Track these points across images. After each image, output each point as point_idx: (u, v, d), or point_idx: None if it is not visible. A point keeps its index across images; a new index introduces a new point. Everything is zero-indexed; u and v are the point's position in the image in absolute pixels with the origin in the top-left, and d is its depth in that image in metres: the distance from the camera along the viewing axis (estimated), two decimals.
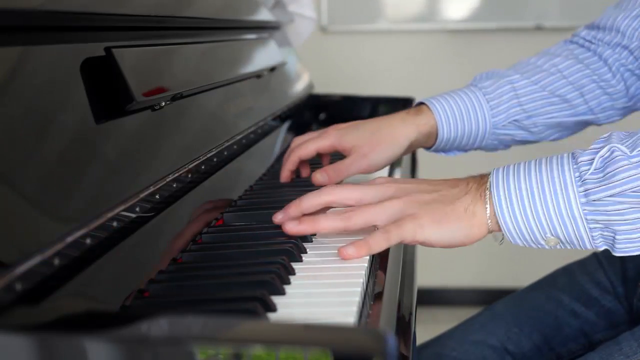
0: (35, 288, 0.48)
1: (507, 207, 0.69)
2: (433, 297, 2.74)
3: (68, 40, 0.65)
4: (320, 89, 1.64)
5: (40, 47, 0.61)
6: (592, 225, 0.67)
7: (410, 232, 0.69)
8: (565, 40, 1.10)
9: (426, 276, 2.65)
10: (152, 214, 0.67)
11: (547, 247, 0.70)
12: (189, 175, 0.77)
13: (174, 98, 0.80)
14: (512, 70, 1.04)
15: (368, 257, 0.68)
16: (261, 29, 1.35)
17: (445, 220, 0.69)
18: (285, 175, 0.95)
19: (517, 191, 0.69)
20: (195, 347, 0.40)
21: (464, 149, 1.04)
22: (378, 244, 0.69)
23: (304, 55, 1.69)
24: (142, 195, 0.65)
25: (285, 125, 1.27)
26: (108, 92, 0.67)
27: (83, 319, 0.46)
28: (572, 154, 0.69)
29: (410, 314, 0.67)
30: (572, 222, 0.67)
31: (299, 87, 1.49)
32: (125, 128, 0.69)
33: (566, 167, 0.68)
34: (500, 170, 0.71)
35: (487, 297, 2.46)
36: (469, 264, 2.76)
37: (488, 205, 0.70)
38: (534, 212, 0.68)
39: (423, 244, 0.70)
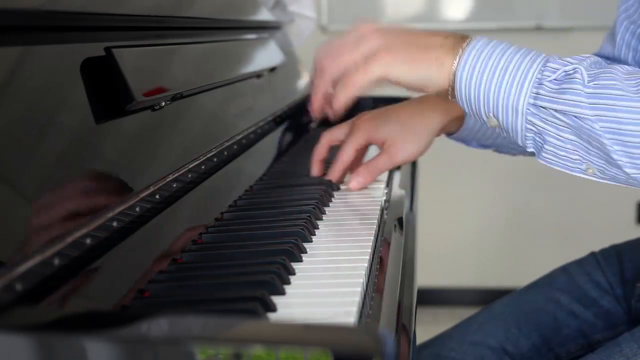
0: (35, 288, 0.48)
1: (467, 70, 0.72)
2: (433, 297, 2.74)
3: (68, 40, 0.65)
4: None
5: (40, 47, 0.61)
6: (528, 125, 0.70)
7: (383, 67, 0.73)
8: None
9: (426, 276, 2.65)
10: (152, 214, 0.67)
11: (488, 125, 0.73)
12: (189, 175, 0.77)
13: (174, 98, 0.80)
14: None
15: (368, 257, 0.68)
16: (261, 29, 1.35)
17: (416, 62, 0.73)
18: (316, 169, 0.97)
19: (484, 62, 0.72)
20: (195, 347, 0.40)
21: (484, 143, 1.03)
22: (358, 83, 0.73)
23: (304, 55, 1.69)
24: (142, 195, 0.65)
25: (285, 125, 1.27)
26: (108, 92, 0.67)
27: (83, 319, 0.46)
28: (548, 57, 0.72)
29: (410, 314, 0.67)
30: (514, 113, 0.70)
31: (299, 87, 1.49)
32: (125, 128, 0.69)
33: (534, 66, 0.71)
34: (485, 38, 0.74)
35: (487, 297, 2.46)
36: (469, 264, 2.76)
37: (456, 61, 0.73)
38: (486, 86, 0.71)
39: (390, 80, 0.74)
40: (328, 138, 0.98)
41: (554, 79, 0.69)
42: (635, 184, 0.70)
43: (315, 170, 0.98)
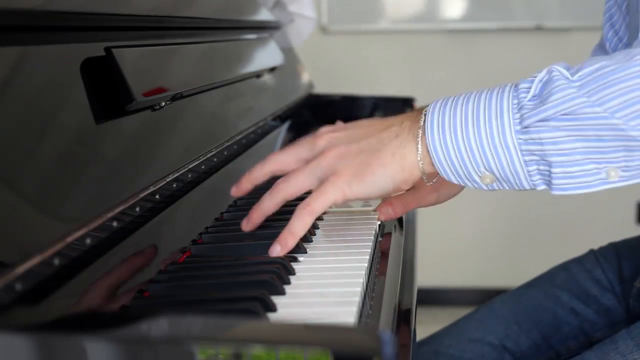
0: (35, 288, 0.48)
1: (438, 135, 0.64)
2: (433, 297, 2.74)
3: (68, 40, 0.65)
4: (320, 89, 1.64)
5: (40, 47, 0.61)
6: (527, 158, 0.62)
7: (337, 194, 0.67)
8: None
9: (426, 276, 2.65)
10: (152, 214, 0.67)
11: (483, 186, 0.65)
12: (189, 175, 0.77)
13: (174, 98, 0.80)
14: None
15: (368, 257, 0.68)
16: (261, 29, 1.35)
17: (370, 172, 0.67)
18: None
19: (452, 119, 0.64)
20: (195, 347, 0.40)
21: None
22: (303, 225, 0.68)
23: (304, 55, 1.69)
24: (142, 195, 0.65)
25: (285, 125, 1.27)
26: (108, 92, 0.67)
27: (83, 319, 0.46)
28: (516, 84, 0.64)
29: (410, 313, 0.67)
30: (506, 152, 0.62)
31: (299, 87, 1.49)
32: (125, 128, 0.69)
33: (506, 95, 0.63)
34: (440, 100, 0.67)
35: (487, 297, 2.45)
36: (469, 264, 2.76)
37: (420, 144, 0.66)
38: (466, 141, 0.63)
39: (357, 199, 0.69)
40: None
41: (532, 96, 0.61)
42: None
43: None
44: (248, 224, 0.73)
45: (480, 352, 0.99)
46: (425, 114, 0.66)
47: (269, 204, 0.73)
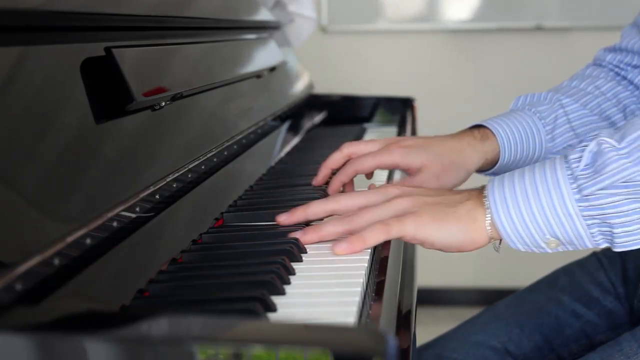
0: (35, 288, 0.48)
1: (503, 211, 0.69)
2: (433, 297, 2.74)
3: (68, 40, 0.65)
4: (320, 89, 1.64)
5: (40, 47, 0.61)
6: (589, 222, 0.67)
7: (410, 229, 0.69)
8: (594, 65, 1.07)
9: (426, 276, 2.65)
10: (152, 214, 0.67)
11: (549, 250, 0.70)
12: (189, 175, 0.77)
13: (174, 98, 0.80)
14: (560, 94, 1.02)
15: (368, 257, 0.68)
16: (261, 29, 1.35)
17: (446, 220, 0.70)
18: (335, 187, 0.88)
19: (512, 194, 0.69)
20: (195, 347, 0.40)
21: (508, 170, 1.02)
22: (375, 237, 0.69)
23: (304, 55, 1.69)
24: (142, 195, 0.65)
25: (285, 125, 1.27)
26: (108, 92, 0.67)
27: (83, 319, 0.46)
28: (565, 155, 0.69)
29: (410, 314, 0.67)
30: (569, 219, 0.67)
31: (299, 87, 1.49)
32: (125, 128, 0.69)
33: (558, 167, 0.68)
34: (497, 178, 0.72)
35: (487, 297, 2.46)
36: (469, 264, 2.76)
37: (487, 213, 0.70)
38: (529, 213, 0.68)
39: (423, 243, 0.70)
40: (350, 150, 0.89)
41: (585, 165, 0.67)
42: None
43: (320, 178, 0.90)
44: (288, 219, 0.75)
45: (483, 356, 0.99)
46: (486, 195, 0.71)
47: (317, 210, 0.74)
